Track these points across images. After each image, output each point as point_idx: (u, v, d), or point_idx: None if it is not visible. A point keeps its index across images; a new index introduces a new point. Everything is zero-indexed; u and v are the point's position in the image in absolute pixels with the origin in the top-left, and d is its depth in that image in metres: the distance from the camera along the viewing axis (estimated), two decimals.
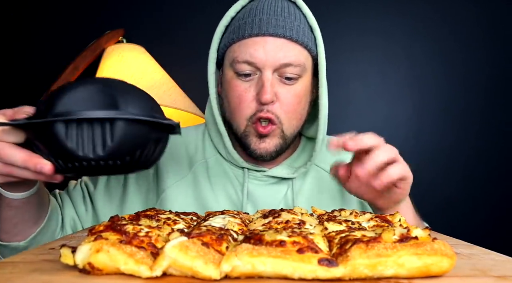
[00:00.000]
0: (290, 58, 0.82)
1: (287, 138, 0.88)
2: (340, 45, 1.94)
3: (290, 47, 0.83)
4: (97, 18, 1.96)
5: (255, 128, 0.85)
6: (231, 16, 0.89)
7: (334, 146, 0.68)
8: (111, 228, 0.44)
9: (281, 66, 0.82)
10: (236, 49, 0.84)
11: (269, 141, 0.86)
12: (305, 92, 0.88)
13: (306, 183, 0.95)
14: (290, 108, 0.85)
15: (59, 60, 1.79)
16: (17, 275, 0.39)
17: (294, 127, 0.88)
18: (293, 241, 0.40)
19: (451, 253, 0.39)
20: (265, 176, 0.93)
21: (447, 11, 1.96)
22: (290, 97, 0.84)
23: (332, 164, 0.77)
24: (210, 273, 0.37)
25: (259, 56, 0.81)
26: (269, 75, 0.82)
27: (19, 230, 0.75)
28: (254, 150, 0.87)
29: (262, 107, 0.83)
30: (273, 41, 0.82)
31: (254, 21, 0.83)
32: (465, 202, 1.88)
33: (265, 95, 0.80)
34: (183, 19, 1.96)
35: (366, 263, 0.37)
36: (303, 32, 0.85)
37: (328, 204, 0.93)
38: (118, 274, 0.39)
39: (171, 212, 0.64)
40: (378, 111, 1.96)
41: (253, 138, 0.86)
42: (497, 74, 1.95)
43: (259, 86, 0.82)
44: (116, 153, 0.56)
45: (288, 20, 0.84)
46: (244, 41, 0.83)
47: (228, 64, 0.87)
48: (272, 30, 0.82)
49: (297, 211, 0.63)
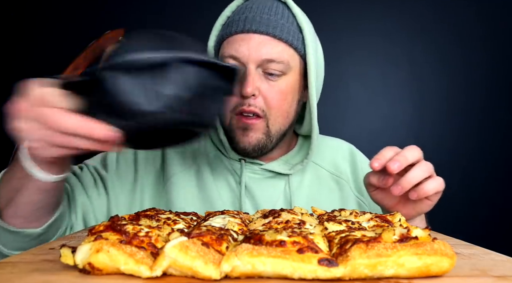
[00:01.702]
0: (272, 54, 0.84)
1: (271, 135, 0.88)
2: (340, 46, 1.95)
3: (273, 44, 0.85)
4: (97, 18, 1.96)
5: (238, 120, 0.86)
6: (227, 15, 0.92)
7: (377, 167, 0.68)
8: (111, 228, 0.44)
9: (263, 62, 0.84)
10: (225, 45, 0.88)
11: (252, 134, 0.87)
12: (291, 90, 0.88)
13: (305, 180, 0.96)
14: (274, 104, 0.86)
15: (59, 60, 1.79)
16: (17, 275, 0.39)
17: (280, 124, 0.89)
18: (293, 241, 0.39)
19: (451, 253, 0.39)
20: (262, 169, 0.94)
21: (447, 11, 1.96)
22: (273, 92, 0.86)
23: (366, 174, 0.77)
24: (210, 273, 0.37)
25: (243, 51, 0.84)
26: (253, 69, 0.84)
27: (39, 216, 0.69)
28: (237, 143, 0.88)
29: (244, 101, 0.84)
30: (257, 37, 0.84)
31: (241, 18, 0.87)
32: (465, 202, 1.88)
33: (247, 88, 0.82)
34: (183, 19, 1.96)
35: (366, 263, 0.37)
36: (288, 30, 0.87)
37: (327, 201, 0.94)
38: (118, 274, 0.39)
39: (171, 212, 0.64)
40: (378, 111, 1.96)
41: (237, 131, 0.88)
42: (497, 74, 1.95)
43: (242, 79, 0.84)
44: (184, 102, 0.49)
45: (273, 18, 0.86)
46: (232, 37, 0.87)
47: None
48: (255, 27, 0.85)
49: (297, 211, 0.63)
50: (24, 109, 0.53)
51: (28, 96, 0.53)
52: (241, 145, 0.88)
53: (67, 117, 0.51)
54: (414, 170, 0.68)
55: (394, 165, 0.66)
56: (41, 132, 0.52)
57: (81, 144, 0.52)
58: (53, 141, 0.53)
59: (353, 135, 1.97)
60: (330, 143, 1.05)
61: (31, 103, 0.53)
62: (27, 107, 0.53)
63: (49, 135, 0.52)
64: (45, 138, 0.53)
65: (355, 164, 1.01)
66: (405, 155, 0.67)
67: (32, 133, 0.53)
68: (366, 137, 1.93)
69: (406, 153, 0.68)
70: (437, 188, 0.70)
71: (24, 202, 0.66)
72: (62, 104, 0.51)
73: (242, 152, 0.90)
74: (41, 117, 0.51)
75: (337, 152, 1.03)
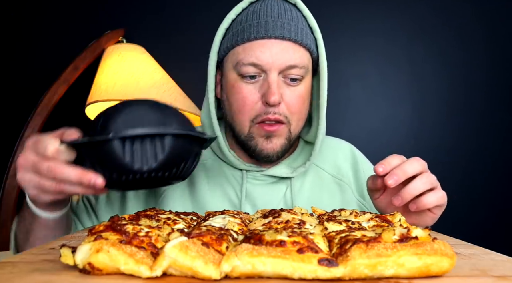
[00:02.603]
0: (295, 60, 0.83)
1: (291, 138, 0.88)
2: (340, 46, 1.95)
3: (295, 49, 0.84)
4: (97, 18, 1.96)
5: (260, 128, 0.85)
6: (231, 18, 0.89)
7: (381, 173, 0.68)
8: (111, 228, 0.44)
9: (286, 68, 0.83)
10: (240, 52, 0.85)
11: (276, 141, 0.86)
12: (307, 93, 0.89)
13: (306, 182, 0.95)
14: (296, 109, 0.86)
15: (59, 60, 1.79)
16: (17, 275, 0.39)
17: (299, 127, 0.90)
18: (293, 241, 0.39)
19: (451, 253, 0.39)
20: (263, 175, 0.93)
21: (446, 11, 1.97)
22: (294, 98, 0.85)
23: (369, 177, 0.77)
24: (210, 273, 0.37)
25: (265, 58, 0.82)
26: (275, 76, 0.83)
27: None
28: (261, 150, 0.87)
29: (268, 109, 0.83)
30: (279, 43, 0.83)
31: (260, 23, 0.84)
32: (465, 202, 1.88)
33: (273, 96, 0.81)
34: (183, 19, 1.96)
35: (366, 263, 0.37)
36: (306, 34, 0.86)
37: (328, 204, 0.93)
38: (118, 274, 0.39)
39: (171, 212, 0.64)
40: (378, 111, 1.96)
41: (259, 139, 0.86)
42: (497, 75, 1.95)
43: (264, 88, 0.83)
44: (165, 165, 0.61)
45: (292, 22, 0.85)
46: (249, 43, 0.84)
47: (231, 67, 0.87)
48: (278, 32, 0.83)
49: (297, 211, 0.63)
50: (25, 162, 0.62)
51: (31, 150, 0.62)
52: (265, 152, 0.87)
53: (63, 168, 0.59)
54: (415, 182, 0.68)
55: (391, 179, 0.66)
56: (39, 181, 0.62)
57: (72, 190, 0.62)
58: (47, 189, 0.62)
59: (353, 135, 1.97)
60: (331, 143, 1.04)
61: (33, 157, 0.61)
62: (28, 160, 0.62)
63: (45, 184, 0.61)
64: (42, 186, 0.62)
65: (357, 165, 1.00)
66: (404, 169, 0.67)
67: (32, 183, 0.62)
68: (365, 137, 1.93)
69: (406, 166, 0.67)
70: (437, 201, 0.70)
71: (37, 238, 0.75)
72: (61, 157, 0.60)
73: (264, 159, 0.88)
74: (40, 170, 0.60)
75: (338, 153, 1.02)
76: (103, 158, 0.59)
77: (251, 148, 0.88)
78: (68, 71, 1.72)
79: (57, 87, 1.70)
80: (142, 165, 0.59)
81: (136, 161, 0.59)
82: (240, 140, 0.89)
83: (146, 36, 1.89)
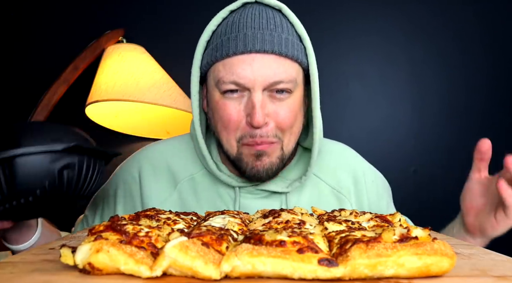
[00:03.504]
0: (280, 75, 0.75)
1: (284, 157, 0.82)
2: (340, 45, 1.94)
3: (279, 63, 0.76)
4: (97, 18, 1.96)
5: (249, 148, 0.79)
6: (211, 30, 0.82)
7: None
8: (111, 228, 0.44)
9: (271, 85, 0.76)
10: (221, 69, 0.77)
11: (266, 159, 0.79)
12: (299, 105, 0.82)
13: (303, 197, 0.89)
14: (287, 125, 0.79)
15: (59, 60, 1.79)
16: (17, 275, 0.39)
17: (292, 143, 0.83)
18: (293, 241, 0.39)
19: (451, 253, 0.39)
20: (257, 189, 0.88)
21: (446, 12, 1.96)
22: (284, 113, 0.78)
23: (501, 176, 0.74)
24: (210, 273, 0.37)
25: (247, 75, 0.74)
26: (259, 95, 0.75)
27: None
28: (251, 169, 0.80)
29: (254, 131, 0.76)
30: (261, 58, 0.75)
31: (238, 37, 0.76)
32: None
33: (256, 117, 0.74)
34: (183, 19, 1.96)
35: (366, 263, 0.37)
36: (292, 44, 0.78)
37: None
38: (118, 274, 0.39)
39: (171, 212, 0.64)
40: (378, 111, 1.96)
41: (249, 159, 0.80)
42: (497, 74, 1.95)
43: (249, 107, 0.76)
44: (22, 189, 0.55)
45: (275, 33, 0.76)
46: (229, 59, 0.76)
47: (213, 84, 0.80)
48: (259, 46, 0.75)
49: (297, 211, 0.63)
50: None
51: None
52: (254, 170, 0.80)
53: None
54: None
55: None
56: None
57: None
58: None
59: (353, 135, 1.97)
60: (334, 149, 0.96)
61: None
62: None
63: None
64: None
65: (358, 178, 0.93)
66: None
67: None
68: (365, 137, 1.93)
69: None
70: None
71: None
72: None
73: (254, 178, 0.82)
74: None
75: (340, 161, 0.94)
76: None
77: (241, 169, 0.82)
78: (68, 71, 1.72)
79: (57, 87, 1.69)
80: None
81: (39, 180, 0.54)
82: (231, 160, 0.83)
83: (146, 36, 1.89)
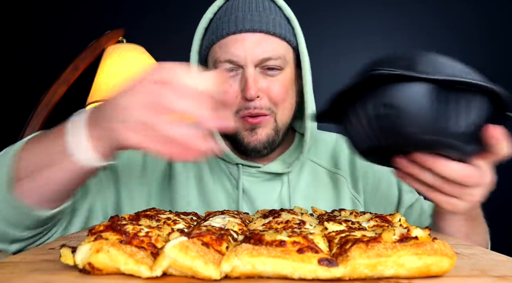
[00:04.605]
0: (269, 52, 0.84)
1: (279, 129, 0.88)
2: (340, 45, 1.94)
3: (268, 41, 0.84)
4: (97, 18, 1.96)
5: (243, 122, 0.86)
6: (209, 17, 0.90)
7: None
8: (111, 228, 0.44)
9: (261, 61, 0.83)
10: (217, 50, 0.86)
11: (261, 131, 0.86)
12: (290, 81, 0.89)
13: (302, 178, 0.95)
14: (279, 99, 0.86)
15: (59, 60, 1.79)
16: (17, 275, 0.39)
17: (286, 117, 0.89)
18: (293, 241, 0.39)
19: (451, 253, 0.39)
20: (259, 172, 0.93)
21: (446, 11, 1.96)
22: (276, 88, 0.85)
23: None
24: (210, 273, 0.37)
25: (239, 53, 0.83)
26: (251, 71, 0.83)
27: (56, 198, 0.63)
28: (247, 144, 0.87)
29: (248, 104, 0.84)
30: (251, 36, 0.83)
31: (230, 19, 0.85)
32: None
33: (250, 90, 0.81)
34: (183, 19, 1.96)
35: (366, 263, 0.37)
36: (280, 24, 0.86)
37: (323, 198, 0.94)
38: (118, 274, 0.39)
39: (171, 212, 0.64)
40: None
41: (244, 133, 0.87)
42: (497, 74, 1.95)
43: (242, 83, 0.83)
44: (469, 133, 0.46)
45: (264, 14, 0.85)
46: (223, 40, 0.85)
47: (212, 66, 0.88)
48: (248, 25, 0.84)
49: (297, 211, 0.63)
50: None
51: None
52: (252, 144, 0.87)
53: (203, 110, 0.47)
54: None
55: None
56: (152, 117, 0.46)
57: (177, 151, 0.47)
58: (158, 133, 0.47)
59: None
60: (329, 138, 1.04)
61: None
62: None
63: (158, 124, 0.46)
64: (152, 125, 0.46)
65: (355, 156, 0.99)
66: None
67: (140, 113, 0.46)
68: None
69: None
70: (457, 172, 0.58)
71: (50, 180, 0.57)
72: None
73: (252, 152, 0.88)
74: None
75: (335, 146, 1.01)
76: (397, 104, 0.45)
77: (238, 143, 0.88)
78: (68, 71, 1.72)
79: (57, 87, 1.70)
80: (448, 124, 0.43)
81: (443, 117, 0.43)
82: (228, 137, 0.90)
83: (146, 36, 1.89)
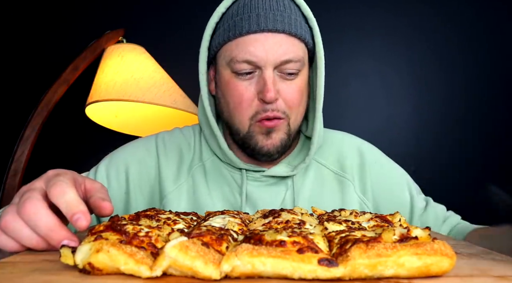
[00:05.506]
0: (290, 54, 0.81)
1: (291, 133, 0.87)
2: (340, 45, 1.95)
3: (289, 43, 0.81)
4: (97, 18, 1.96)
5: (260, 126, 0.83)
6: (221, 12, 0.86)
7: None
8: (111, 228, 0.43)
9: (281, 63, 0.80)
10: (234, 48, 0.82)
11: (275, 135, 0.84)
12: (305, 85, 0.87)
13: (307, 181, 0.93)
14: (295, 104, 0.84)
15: (59, 60, 1.79)
16: (17, 275, 0.39)
17: (298, 121, 0.88)
18: (293, 241, 0.39)
19: (451, 253, 0.39)
20: (264, 176, 0.91)
21: (447, 11, 1.96)
22: (292, 92, 0.83)
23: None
24: (210, 273, 0.37)
25: (259, 54, 0.79)
26: (270, 73, 0.80)
27: None
28: (261, 147, 0.84)
29: (266, 107, 0.81)
30: (272, 37, 0.80)
31: (251, 17, 0.80)
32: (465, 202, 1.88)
33: (269, 93, 0.79)
34: (183, 19, 1.96)
35: (366, 263, 0.37)
36: (300, 25, 0.83)
37: (329, 201, 0.91)
38: (118, 274, 0.39)
39: (171, 212, 0.64)
40: (378, 111, 1.96)
41: (259, 137, 0.84)
42: (497, 74, 1.95)
43: (260, 85, 0.80)
44: None
45: (285, 13, 0.81)
46: (242, 38, 0.81)
47: (225, 64, 0.84)
48: (271, 25, 0.79)
49: (297, 211, 0.63)
50: None
51: None
52: (265, 148, 0.85)
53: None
54: None
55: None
56: None
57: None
58: None
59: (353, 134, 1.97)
60: (336, 137, 1.00)
61: None
62: None
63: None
64: None
65: (364, 161, 0.96)
66: None
67: None
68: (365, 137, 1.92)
69: None
70: None
71: None
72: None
73: (264, 156, 0.86)
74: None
75: (343, 148, 0.98)
76: None
77: (250, 146, 0.86)
78: (68, 71, 1.72)
79: (57, 87, 1.70)
80: None
81: None
82: (239, 139, 0.87)
83: (146, 36, 1.89)
